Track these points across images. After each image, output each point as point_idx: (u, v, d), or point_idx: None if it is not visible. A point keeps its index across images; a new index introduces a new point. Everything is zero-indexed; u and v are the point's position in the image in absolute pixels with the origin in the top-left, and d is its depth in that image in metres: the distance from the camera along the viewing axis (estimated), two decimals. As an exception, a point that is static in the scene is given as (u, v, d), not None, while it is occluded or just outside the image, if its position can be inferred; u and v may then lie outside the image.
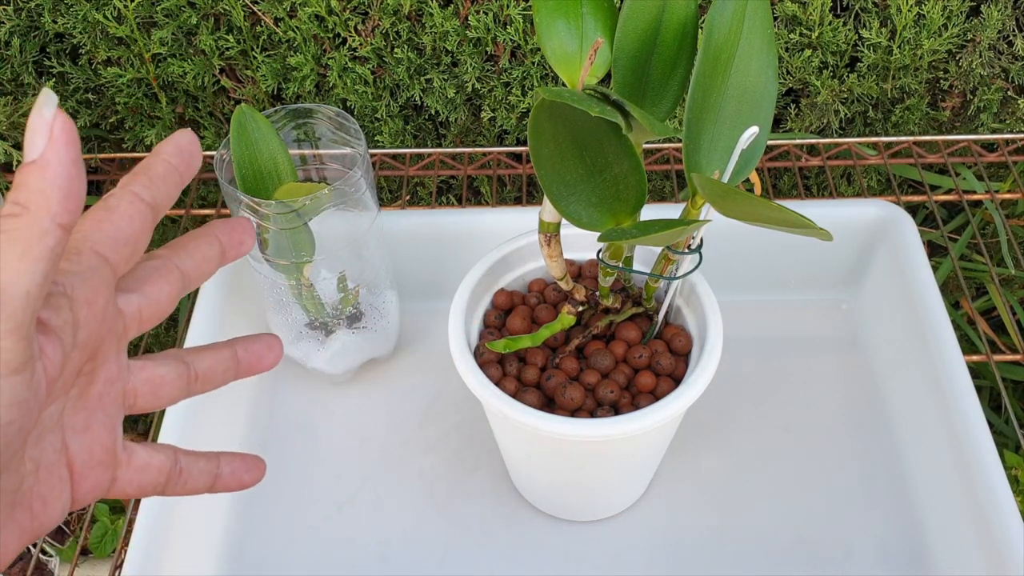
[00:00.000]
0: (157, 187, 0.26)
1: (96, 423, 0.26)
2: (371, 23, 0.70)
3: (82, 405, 0.26)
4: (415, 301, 0.64)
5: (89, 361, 0.25)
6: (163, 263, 0.28)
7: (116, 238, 0.25)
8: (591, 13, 0.39)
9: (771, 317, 0.64)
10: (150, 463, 0.28)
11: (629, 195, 0.39)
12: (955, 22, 0.68)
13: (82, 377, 0.25)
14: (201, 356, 0.30)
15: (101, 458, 0.26)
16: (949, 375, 0.52)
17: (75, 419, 0.25)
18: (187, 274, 0.28)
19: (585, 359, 0.48)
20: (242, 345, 0.31)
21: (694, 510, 0.54)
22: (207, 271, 0.29)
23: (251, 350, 0.31)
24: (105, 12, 0.69)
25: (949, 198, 0.69)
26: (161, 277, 0.27)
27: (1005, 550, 0.45)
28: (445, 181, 0.81)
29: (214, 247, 0.29)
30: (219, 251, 0.29)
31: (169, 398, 0.29)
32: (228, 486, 0.32)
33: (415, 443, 0.58)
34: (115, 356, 0.26)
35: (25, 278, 0.21)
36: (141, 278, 0.27)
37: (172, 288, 0.28)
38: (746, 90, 0.38)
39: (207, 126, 0.78)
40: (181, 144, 0.27)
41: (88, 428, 0.26)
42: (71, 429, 0.25)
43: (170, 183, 0.26)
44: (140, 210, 0.25)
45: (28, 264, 0.21)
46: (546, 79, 0.71)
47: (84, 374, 0.25)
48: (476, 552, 0.53)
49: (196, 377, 0.30)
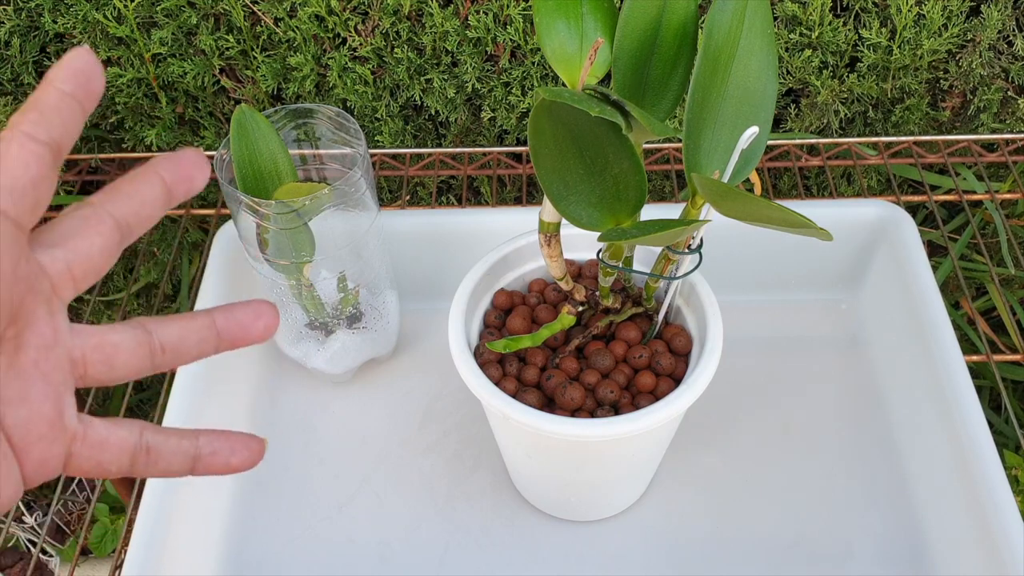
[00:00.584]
0: (51, 121, 0.23)
1: (34, 393, 0.24)
2: (371, 23, 0.70)
3: (14, 374, 0.23)
4: (415, 301, 0.64)
5: (10, 326, 0.23)
6: (93, 211, 0.25)
7: (12, 189, 0.22)
8: (591, 13, 0.39)
9: (771, 317, 0.64)
10: (108, 439, 0.26)
11: (629, 195, 0.39)
12: (955, 22, 0.68)
13: (6, 343, 0.23)
14: (167, 325, 0.27)
15: (43, 431, 0.24)
16: (949, 375, 0.52)
17: (8, 390, 0.23)
18: (124, 221, 0.25)
19: (585, 359, 0.48)
20: (222, 313, 0.28)
21: (694, 510, 0.54)
22: (149, 215, 0.26)
23: (234, 317, 0.28)
24: (105, 12, 0.69)
25: (949, 198, 0.69)
26: (90, 228, 0.25)
27: (1005, 550, 0.45)
28: (445, 181, 0.81)
29: (156, 186, 0.26)
30: (162, 190, 0.26)
31: (128, 368, 0.26)
32: (211, 468, 0.28)
33: (415, 443, 0.58)
34: (47, 319, 0.24)
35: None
36: (66, 232, 0.24)
37: (105, 239, 0.25)
38: (746, 90, 0.38)
39: (207, 126, 0.78)
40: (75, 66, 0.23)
41: (25, 399, 0.24)
42: (4, 401, 0.23)
43: (66, 114, 0.23)
44: (34, 151, 0.22)
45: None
46: (546, 79, 0.71)
47: (7, 340, 0.23)
48: (476, 552, 0.53)
49: (161, 348, 0.27)
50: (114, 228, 0.25)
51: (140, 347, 0.26)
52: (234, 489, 0.56)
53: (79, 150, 0.79)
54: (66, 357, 0.25)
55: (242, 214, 0.50)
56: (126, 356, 0.26)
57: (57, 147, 0.23)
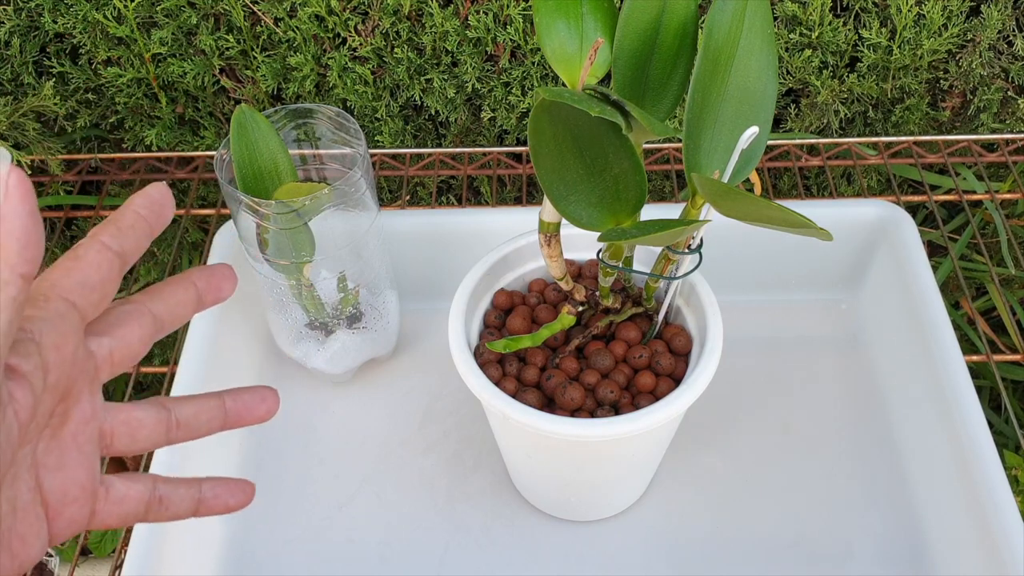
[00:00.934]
0: (125, 236, 0.27)
1: (71, 462, 0.27)
2: (371, 23, 0.70)
3: (55, 445, 0.26)
4: (415, 301, 0.64)
5: (61, 402, 0.26)
6: (135, 307, 0.28)
7: (84, 284, 0.26)
8: (591, 13, 0.39)
9: (771, 317, 0.64)
10: (128, 494, 0.29)
11: (629, 195, 0.39)
12: (955, 22, 0.68)
13: (55, 418, 0.26)
14: (184, 404, 0.30)
15: (76, 495, 0.27)
16: (949, 375, 0.52)
17: (48, 458, 0.26)
18: (160, 318, 0.29)
19: (585, 359, 0.48)
20: (232, 396, 0.31)
21: (694, 510, 0.54)
22: (182, 315, 0.30)
23: (241, 400, 0.32)
24: (105, 12, 0.69)
25: (949, 198, 0.69)
26: (133, 320, 0.28)
27: (1005, 550, 0.45)
28: (445, 181, 0.81)
29: (190, 292, 0.30)
30: (195, 296, 0.30)
31: (147, 442, 0.29)
32: (213, 510, 0.32)
33: (415, 443, 0.58)
34: (88, 397, 0.27)
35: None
36: (112, 322, 0.28)
37: (144, 331, 0.28)
38: (746, 90, 0.38)
39: (207, 126, 0.78)
40: (152, 196, 0.28)
41: (62, 467, 0.26)
42: (44, 468, 0.26)
43: (138, 232, 0.27)
44: (107, 258, 0.26)
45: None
46: (546, 79, 0.71)
47: (56, 415, 0.26)
48: (476, 552, 0.53)
49: (177, 424, 0.30)
50: (152, 322, 0.29)
51: (159, 424, 0.29)
52: (234, 489, 0.56)
53: (79, 150, 0.79)
54: (98, 430, 0.28)
55: (242, 214, 0.50)
56: (147, 431, 0.29)
57: (124, 257, 0.27)
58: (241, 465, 0.57)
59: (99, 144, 0.80)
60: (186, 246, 0.82)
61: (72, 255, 0.26)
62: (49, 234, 0.74)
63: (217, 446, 0.56)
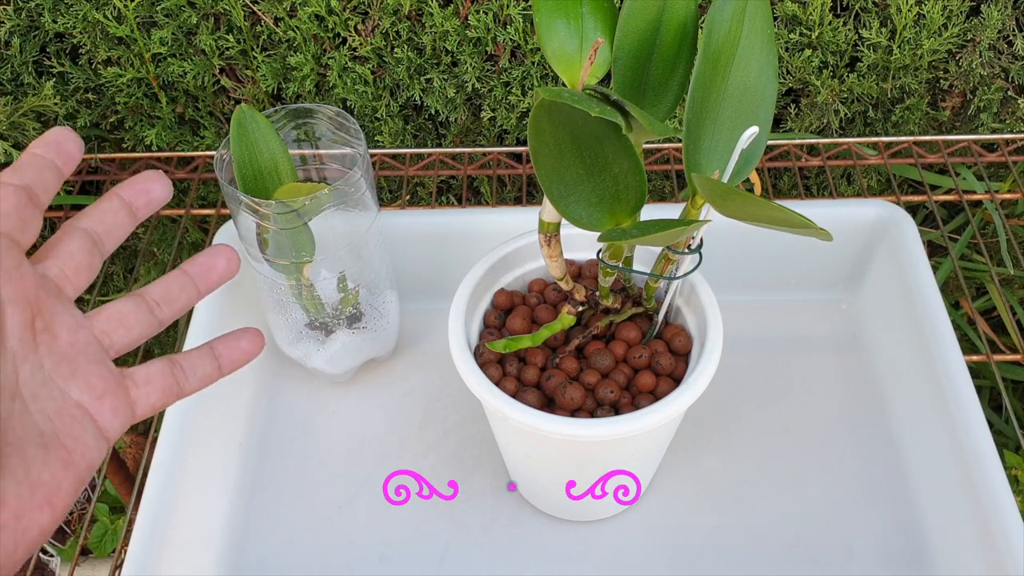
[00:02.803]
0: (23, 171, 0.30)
1: (81, 366, 0.30)
2: (371, 23, 0.70)
3: (59, 358, 0.30)
4: (415, 301, 0.64)
5: (38, 318, 0.29)
6: (62, 229, 0.32)
7: None
8: (591, 13, 0.39)
9: (771, 317, 0.64)
10: (151, 374, 0.32)
11: (629, 195, 0.39)
12: (955, 22, 0.68)
13: (42, 335, 0.29)
14: (151, 286, 0.34)
15: (103, 389, 0.30)
16: (949, 375, 0.52)
17: (60, 370, 0.30)
18: (91, 230, 0.32)
19: (585, 359, 0.48)
20: (188, 262, 0.35)
21: (694, 510, 0.54)
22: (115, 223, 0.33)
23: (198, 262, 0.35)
24: (105, 12, 0.69)
25: (949, 198, 0.69)
26: (63, 237, 0.31)
27: (1005, 550, 0.45)
28: (445, 181, 0.81)
29: (113, 201, 0.33)
30: (120, 203, 0.33)
31: (140, 327, 0.33)
32: (234, 362, 0.35)
33: (415, 443, 0.58)
34: (64, 310, 0.30)
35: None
36: (47, 247, 0.31)
37: (78, 243, 0.31)
38: (746, 90, 0.38)
39: (207, 126, 0.78)
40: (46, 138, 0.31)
41: (76, 372, 0.30)
42: (61, 378, 0.29)
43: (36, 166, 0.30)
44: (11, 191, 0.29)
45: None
46: (546, 79, 0.71)
47: (41, 331, 0.29)
48: (476, 552, 0.53)
49: (156, 303, 0.33)
50: (84, 235, 0.32)
51: (140, 307, 0.33)
52: (234, 489, 0.56)
53: (79, 150, 0.79)
54: (91, 334, 0.31)
55: (242, 214, 0.50)
56: (134, 318, 0.32)
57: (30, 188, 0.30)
58: (241, 465, 0.57)
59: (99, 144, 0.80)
60: (186, 246, 0.82)
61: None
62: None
63: (217, 446, 0.56)
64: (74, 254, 0.31)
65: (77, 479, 0.29)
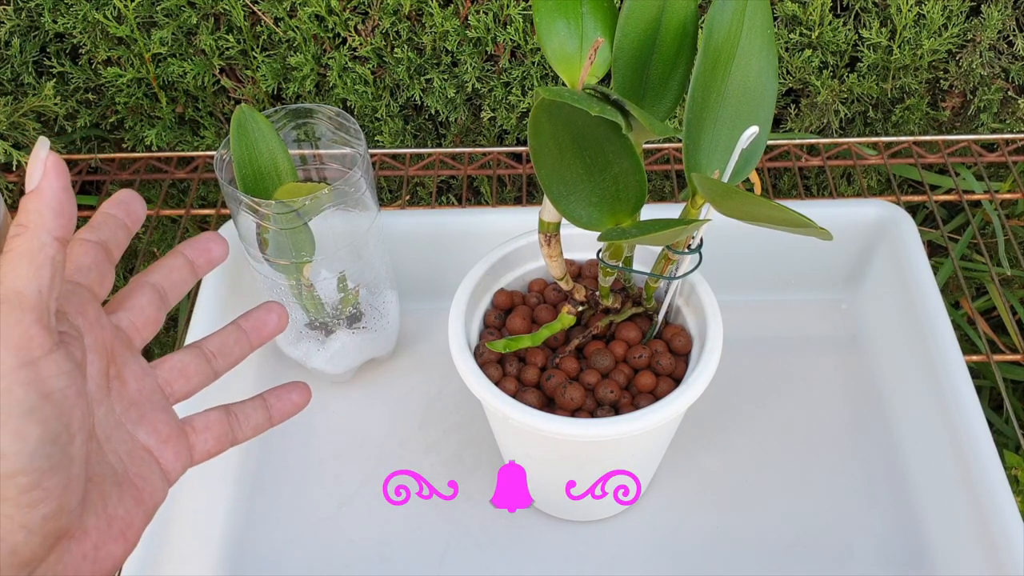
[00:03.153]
0: (100, 229, 0.32)
1: (148, 412, 0.32)
2: (371, 23, 0.70)
3: (128, 404, 0.32)
4: (415, 301, 0.64)
5: (111, 365, 0.31)
6: (134, 283, 0.34)
7: (79, 268, 0.31)
8: (591, 13, 0.39)
9: (771, 317, 0.64)
10: (209, 421, 0.34)
11: (629, 195, 0.39)
12: (955, 22, 0.68)
13: (114, 381, 0.31)
14: (209, 339, 0.36)
15: (167, 434, 0.32)
16: (949, 375, 0.52)
17: (129, 415, 0.31)
18: (159, 285, 0.34)
19: (585, 359, 0.48)
20: (243, 318, 0.37)
21: (694, 510, 0.54)
22: (180, 280, 0.35)
23: (252, 317, 0.37)
24: (105, 12, 0.69)
25: (949, 198, 0.69)
26: (135, 291, 0.34)
27: (1005, 550, 0.45)
28: (445, 181, 0.81)
29: (179, 259, 0.35)
30: (185, 262, 0.35)
31: (199, 377, 0.35)
32: (285, 412, 0.37)
33: (415, 443, 0.58)
34: (133, 359, 0.32)
35: (34, 281, 0.26)
36: (119, 299, 0.34)
37: (149, 298, 0.34)
38: (746, 90, 0.38)
39: (207, 126, 0.78)
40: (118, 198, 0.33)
41: (143, 417, 0.32)
42: (131, 423, 0.31)
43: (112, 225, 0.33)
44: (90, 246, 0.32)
45: (35, 270, 0.26)
46: (546, 79, 0.71)
47: (113, 378, 0.31)
48: (476, 552, 0.53)
49: (212, 355, 0.35)
50: (152, 290, 0.34)
51: (199, 359, 0.35)
52: (234, 489, 0.56)
53: (79, 150, 0.79)
54: (155, 383, 0.33)
55: (242, 214, 0.50)
56: (194, 368, 0.34)
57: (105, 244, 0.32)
58: (241, 465, 0.57)
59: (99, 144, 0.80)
60: (186, 246, 0.82)
61: None
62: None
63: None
64: (144, 308, 0.34)
65: (146, 515, 0.31)
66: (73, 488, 0.27)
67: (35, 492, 0.26)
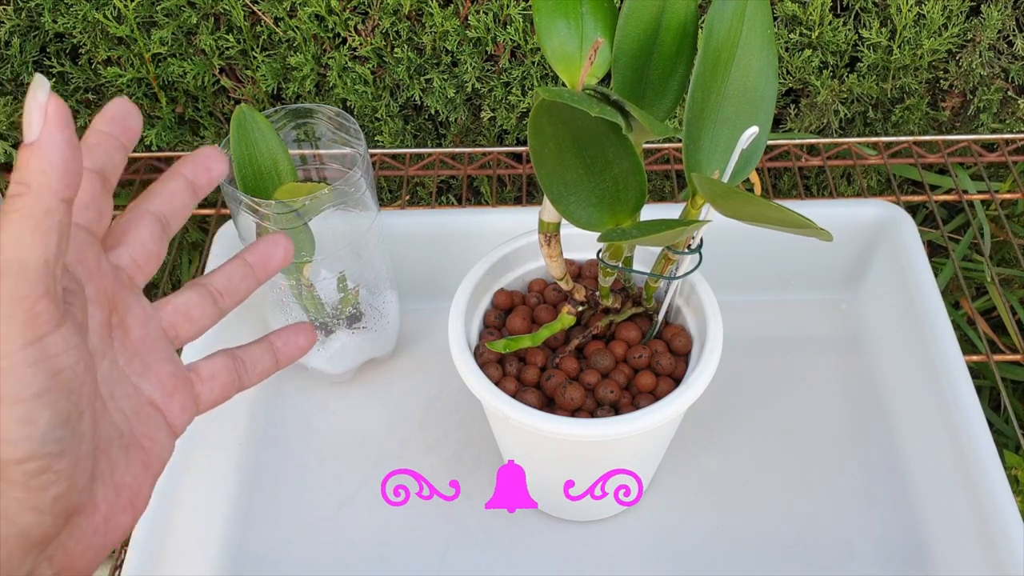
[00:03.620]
0: (95, 153, 0.29)
1: (153, 362, 0.30)
2: (371, 23, 0.70)
3: (132, 354, 0.29)
4: (415, 301, 0.64)
5: (113, 313, 0.29)
6: (133, 214, 0.31)
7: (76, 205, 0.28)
8: (591, 13, 0.39)
9: (771, 317, 0.64)
10: (215, 369, 0.32)
11: (629, 195, 0.39)
12: (955, 22, 0.68)
13: (116, 330, 0.29)
14: (213, 275, 0.33)
15: (173, 386, 0.30)
16: (949, 375, 0.52)
17: (133, 366, 0.29)
18: (160, 213, 0.31)
19: (585, 359, 0.48)
20: (248, 252, 0.35)
21: (694, 510, 0.54)
22: (182, 204, 0.32)
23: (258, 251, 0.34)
24: (105, 12, 0.69)
25: (949, 198, 0.69)
26: (135, 224, 0.31)
27: (1005, 550, 0.45)
28: (445, 181, 0.81)
29: (179, 181, 0.32)
30: (185, 183, 0.32)
31: (205, 319, 0.32)
32: (290, 356, 0.35)
33: (415, 443, 0.58)
34: (136, 302, 0.30)
35: (40, 250, 0.23)
36: (119, 233, 0.31)
37: (149, 229, 0.31)
38: (746, 90, 0.38)
39: (207, 126, 0.78)
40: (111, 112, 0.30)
41: (148, 368, 0.30)
42: (134, 375, 0.29)
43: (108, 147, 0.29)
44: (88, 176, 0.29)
45: (40, 238, 0.23)
46: (546, 79, 0.71)
47: (115, 327, 0.29)
48: (476, 552, 0.53)
49: (219, 293, 0.33)
50: (154, 219, 0.31)
51: (205, 299, 0.32)
52: (234, 489, 0.56)
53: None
54: (160, 327, 0.31)
55: (242, 214, 0.50)
56: (198, 311, 0.32)
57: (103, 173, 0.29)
58: (241, 465, 0.57)
59: (99, 144, 0.80)
60: (186, 246, 0.82)
61: None
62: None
63: (217, 446, 0.56)
64: (146, 242, 0.31)
65: (153, 479, 0.29)
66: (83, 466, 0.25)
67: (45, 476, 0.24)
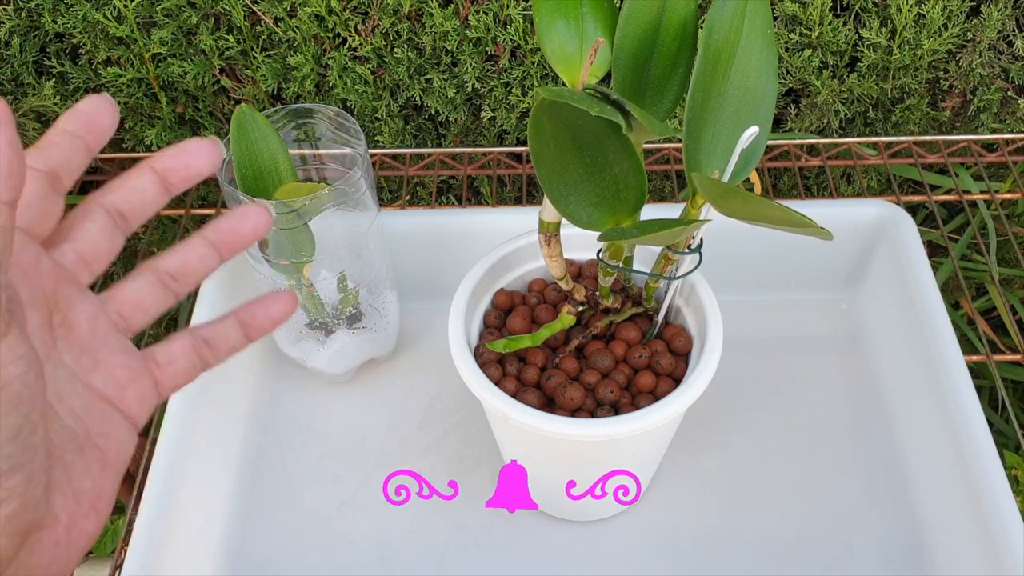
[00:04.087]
0: (49, 153, 0.27)
1: (103, 355, 0.28)
2: (371, 23, 0.70)
3: (80, 350, 0.28)
4: (415, 301, 0.64)
5: (55, 313, 0.27)
6: (83, 207, 0.29)
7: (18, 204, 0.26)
8: (591, 13, 0.39)
9: (771, 317, 0.64)
10: (173, 352, 0.30)
11: (629, 195, 0.39)
12: (955, 22, 0.68)
13: (60, 329, 0.27)
14: (166, 256, 0.31)
15: (127, 378, 0.29)
16: (949, 375, 0.52)
17: (82, 362, 0.28)
18: (114, 207, 0.29)
19: (585, 359, 0.48)
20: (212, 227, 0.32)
21: (694, 510, 0.54)
22: (145, 200, 0.30)
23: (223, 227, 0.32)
24: (105, 12, 0.69)
25: (949, 198, 0.69)
26: (83, 218, 0.29)
27: (1005, 550, 0.45)
28: (445, 181, 0.81)
29: (146, 177, 0.30)
30: (153, 179, 0.30)
31: (156, 306, 0.30)
32: (262, 328, 0.33)
33: (415, 443, 0.58)
34: (81, 299, 0.28)
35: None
36: (65, 228, 0.29)
37: (99, 224, 0.29)
38: (746, 90, 0.38)
39: (207, 126, 0.78)
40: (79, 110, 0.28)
41: (98, 362, 0.28)
42: (84, 371, 0.28)
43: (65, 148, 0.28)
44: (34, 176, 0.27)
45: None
46: (546, 79, 0.71)
47: (58, 326, 0.27)
48: (476, 552, 0.53)
49: (171, 278, 0.31)
50: (105, 214, 0.29)
51: (155, 285, 0.30)
52: (234, 489, 0.56)
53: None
54: (108, 320, 0.29)
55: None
56: (150, 297, 0.30)
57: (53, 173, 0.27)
58: (240, 465, 0.57)
59: (99, 144, 0.80)
60: (186, 246, 0.82)
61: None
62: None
63: (217, 446, 0.56)
64: (94, 238, 0.29)
65: (115, 477, 0.28)
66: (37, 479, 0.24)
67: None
